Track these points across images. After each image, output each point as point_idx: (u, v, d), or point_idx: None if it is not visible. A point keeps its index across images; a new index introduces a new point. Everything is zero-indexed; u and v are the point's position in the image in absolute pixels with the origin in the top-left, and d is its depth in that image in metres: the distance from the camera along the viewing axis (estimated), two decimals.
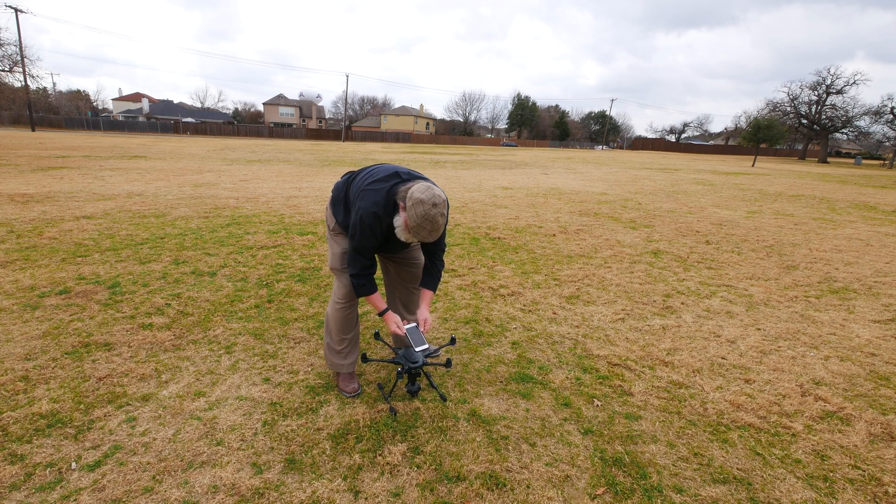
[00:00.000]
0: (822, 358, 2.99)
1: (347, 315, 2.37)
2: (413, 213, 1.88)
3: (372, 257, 2.16)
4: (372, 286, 2.19)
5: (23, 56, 34.03)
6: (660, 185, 14.32)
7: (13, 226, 5.43)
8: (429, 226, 1.88)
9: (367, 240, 2.07)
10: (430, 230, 1.90)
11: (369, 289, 2.19)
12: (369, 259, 2.15)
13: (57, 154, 15.67)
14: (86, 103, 73.99)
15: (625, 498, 1.77)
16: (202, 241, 5.15)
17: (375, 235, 2.05)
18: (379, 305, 2.22)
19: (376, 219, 2.02)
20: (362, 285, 2.18)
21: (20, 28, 35.42)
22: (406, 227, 1.97)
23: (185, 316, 3.20)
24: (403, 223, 1.98)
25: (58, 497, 1.65)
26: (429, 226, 1.88)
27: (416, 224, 1.89)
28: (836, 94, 53.91)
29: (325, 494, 1.72)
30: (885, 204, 11.77)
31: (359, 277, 2.16)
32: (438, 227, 1.90)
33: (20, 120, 47.90)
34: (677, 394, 2.50)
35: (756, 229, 7.33)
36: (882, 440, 2.18)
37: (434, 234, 1.92)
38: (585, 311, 3.60)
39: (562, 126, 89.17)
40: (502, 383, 2.54)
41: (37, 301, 3.31)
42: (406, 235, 2.02)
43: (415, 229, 1.90)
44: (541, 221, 7.21)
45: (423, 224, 1.88)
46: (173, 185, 9.54)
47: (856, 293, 4.33)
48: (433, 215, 1.87)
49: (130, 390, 2.31)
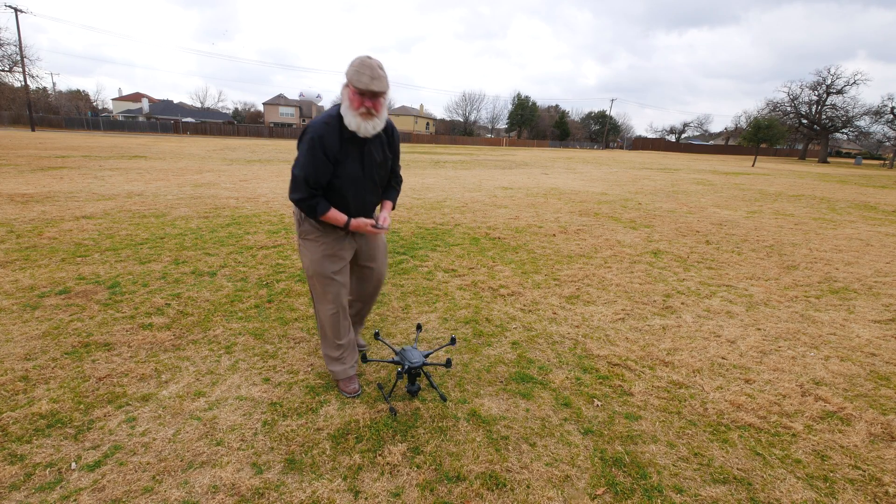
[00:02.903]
0: (822, 358, 2.99)
1: (339, 320, 2.35)
2: (351, 70, 1.96)
3: (319, 185, 2.08)
4: (325, 204, 2.11)
5: (23, 56, 34.04)
6: (660, 185, 14.32)
7: (13, 226, 5.43)
8: (368, 70, 1.94)
9: (316, 161, 2.02)
10: (371, 75, 1.94)
11: (323, 207, 2.10)
12: (316, 188, 2.09)
13: (57, 154, 15.67)
14: (86, 103, 73.99)
15: (625, 498, 1.77)
16: (202, 241, 5.15)
17: (326, 153, 2.02)
18: (340, 218, 2.13)
19: (326, 128, 2.02)
20: (314, 206, 2.09)
21: (20, 28, 35.40)
22: (351, 101, 1.99)
23: (185, 316, 3.20)
24: (348, 95, 2.01)
25: (58, 497, 1.65)
26: (368, 70, 1.94)
27: (355, 72, 1.94)
28: (836, 94, 53.93)
29: (325, 494, 1.72)
30: (885, 204, 11.77)
31: (308, 200, 2.08)
32: (376, 72, 1.95)
33: (20, 120, 47.91)
34: (677, 394, 2.50)
35: (756, 229, 7.33)
36: (882, 440, 2.18)
37: (376, 80, 1.94)
38: (585, 311, 3.60)
39: (562, 126, 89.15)
40: (502, 383, 2.54)
41: (37, 301, 3.31)
42: (354, 115, 2.00)
43: (355, 77, 1.94)
44: (541, 221, 7.21)
45: (361, 70, 1.94)
46: (173, 185, 9.54)
47: (856, 293, 4.33)
48: (369, 63, 1.96)
49: (130, 390, 2.31)
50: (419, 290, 3.88)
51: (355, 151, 2.11)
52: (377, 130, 2.08)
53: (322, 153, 2.02)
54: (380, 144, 2.21)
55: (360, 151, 2.13)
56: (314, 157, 2.02)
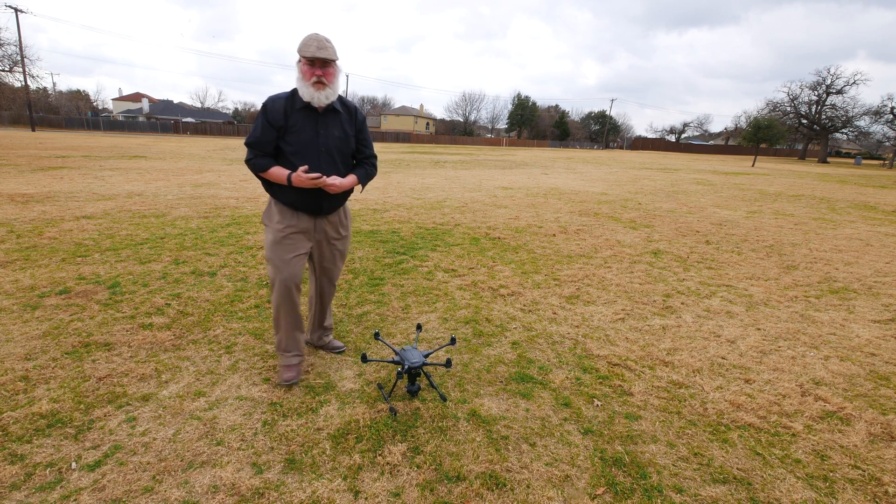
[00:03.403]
0: (822, 358, 2.99)
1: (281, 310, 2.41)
2: (300, 44, 2.15)
3: (262, 149, 2.25)
4: (268, 161, 2.26)
5: (23, 56, 34.03)
6: (660, 185, 14.32)
7: (13, 226, 5.43)
8: (314, 42, 2.12)
9: (259, 127, 2.22)
10: (318, 45, 2.12)
11: (265, 163, 2.25)
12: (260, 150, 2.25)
13: (57, 154, 15.67)
14: (86, 103, 73.95)
15: (625, 498, 1.77)
16: (202, 241, 5.15)
17: (269, 119, 2.20)
18: (281, 174, 2.24)
19: (275, 99, 2.22)
20: (257, 163, 2.25)
21: (20, 28, 35.40)
22: (303, 73, 2.16)
23: (185, 316, 3.20)
24: (300, 69, 2.17)
25: (58, 497, 1.65)
26: (314, 42, 2.12)
27: (303, 45, 2.13)
28: (836, 94, 53.96)
29: (325, 494, 1.73)
30: (885, 204, 11.77)
31: (253, 159, 2.26)
32: (323, 42, 2.13)
33: (20, 120, 47.89)
34: (677, 394, 2.50)
35: (756, 229, 7.33)
36: (882, 440, 2.18)
37: (322, 49, 2.12)
38: (585, 311, 3.60)
39: (562, 126, 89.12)
40: (502, 383, 2.54)
41: (37, 301, 3.31)
42: (307, 86, 2.16)
43: (303, 48, 2.12)
44: (541, 221, 7.21)
45: (308, 42, 2.13)
46: (173, 185, 9.54)
47: (856, 293, 4.33)
48: (315, 35, 2.15)
49: (130, 390, 2.31)
50: (419, 290, 3.88)
51: (309, 122, 2.24)
52: (330, 100, 2.23)
53: (265, 120, 2.21)
54: (339, 120, 2.32)
55: (314, 122, 2.25)
56: (258, 124, 2.23)
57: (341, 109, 2.33)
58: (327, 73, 2.18)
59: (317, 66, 2.15)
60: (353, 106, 2.41)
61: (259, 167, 2.26)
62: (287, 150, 2.25)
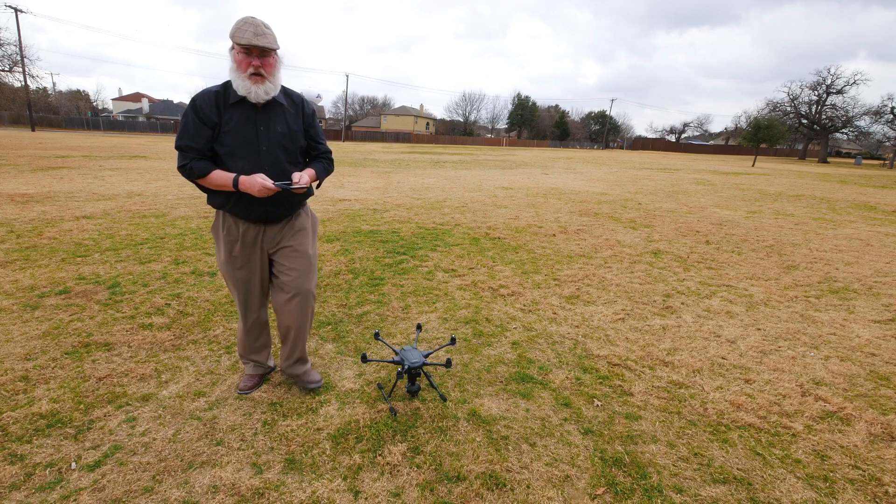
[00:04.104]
0: (822, 358, 2.99)
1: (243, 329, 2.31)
2: (232, 29, 1.86)
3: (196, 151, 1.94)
4: (204, 164, 1.95)
5: (22, 56, 34.03)
6: (660, 185, 14.32)
7: (13, 226, 5.43)
8: (251, 27, 1.84)
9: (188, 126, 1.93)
10: (255, 31, 1.84)
11: (201, 167, 1.94)
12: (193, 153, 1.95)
13: (57, 154, 15.66)
14: (86, 103, 73.92)
15: (625, 498, 1.77)
16: (202, 241, 5.15)
17: (199, 116, 1.91)
18: (226, 177, 1.93)
19: (204, 94, 1.93)
20: (191, 168, 1.94)
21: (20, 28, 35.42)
22: (238, 63, 1.87)
23: (185, 316, 3.20)
24: (234, 58, 1.89)
25: (58, 497, 1.65)
26: (251, 27, 1.84)
27: (237, 29, 1.84)
28: (836, 94, 53.92)
29: (325, 494, 1.72)
30: (885, 204, 11.77)
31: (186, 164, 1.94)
32: (260, 28, 1.85)
33: (20, 120, 47.91)
34: (677, 394, 2.50)
35: (756, 229, 7.33)
36: (882, 440, 2.18)
37: (260, 37, 1.84)
38: (585, 311, 3.60)
39: (562, 126, 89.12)
40: (502, 383, 2.54)
41: (37, 301, 3.31)
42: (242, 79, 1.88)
43: (238, 34, 1.83)
44: (541, 221, 7.21)
45: (243, 27, 1.84)
46: (173, 185, 9.54)
47: (856, 293, 4.33)
48: (252, 20, 1.86)
49: (130, 390, 2.31)
50: (419, 290, 3.88)
51: (246, 118, 1.96)
52: (270, 95, 1.95)
53: (196, 118, 1.92)
54: (283, 115, 2.05)
55: (252, 118, 1.97)
56: (186, 122, 1.93)
57: (285, 102, 2.04)
58: (266, 63, 1.89)
59: (254, 56, 1.87)
60: (299, 97, 2.13)
61: (196, 172, 1.93)
62: (221, 151, 1.96)
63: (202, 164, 1.94)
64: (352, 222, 6.53)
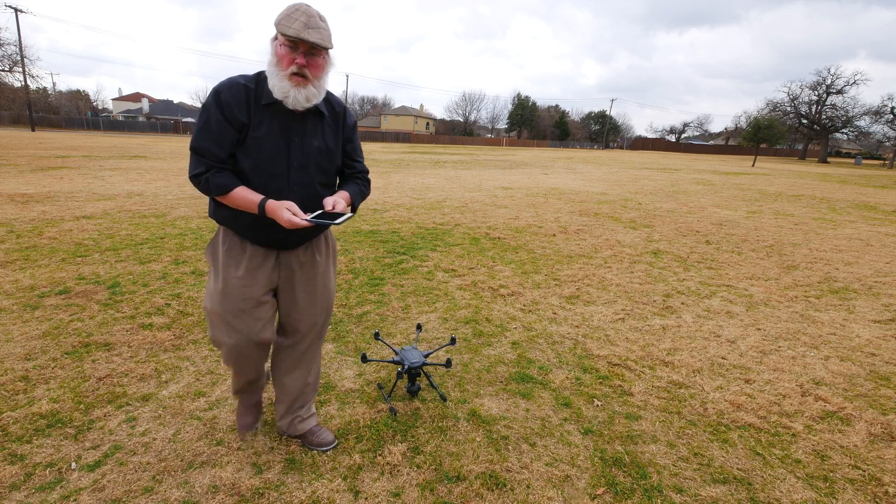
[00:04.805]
0: (822, 358, 2.99)
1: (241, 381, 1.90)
2: (280, 16, 1.47)
3: (218, 158, 1.52)
4: (226, 177, 1.53)
5: (23, 56, 34.05)
6: (660, 185, 14.32)
7: (13, 226, 5.43)
8: (302, 16, 1.44)
9: (211, 125, 1.50)
10: (306, 22, 1.44)
11: (222, 181, 1.51)
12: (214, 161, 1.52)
13: (57, 154, 15.66)
14: (86, 103, 73.92)
15: (625, 498, 1.77)
16: (202, 240, 5.15)
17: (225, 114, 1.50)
18: (251, 198, 1.51)
19: (232, 86, 1.51)
20: (208, 179, 1.51)
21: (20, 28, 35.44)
22: (279, 57, 1.48)
23: (185, 316, 3.20)
24: (275, 50, 1.50)
25: (58, 497, 1.65)
26: (302, 16, 1.44)
27: (285, 17, 1.45)
28: (836, 94, 53.97)
29: (325, 494, 1.72)
30: (885, 204, 11.77)
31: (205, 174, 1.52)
32: (314, 20, 1.45)
33: (20, 120, 47.90)
34: (677, 394, 2.50)
35: (756, 229, 7.33)
36: (882, 440, 2.18)
37: (313, 30, 1.44)
38: (585, 311, 3.60)
39: (562, 126, 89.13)
40: (502, 383, 2.54)
41: (37, 301, 3.31)
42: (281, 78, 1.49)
43: (285, 23, 1.44)
44: (541, 221, 7.21)
45: (293, 14, 1.44)
46: (173, 185, 9.54)
47: (856, 293, 4.33)
48: (305, 8, 1.46)
49: (130, 390, 2.31)
50: (419, 290, 3.88)
51: (277, 125, 1.55)
52: (311, 103, 1.54)
53: (220, 114, 1.50)
54: (321, 126, 1.65)
55: (285, 127, 1.56)
56: (208, 119, 1.50)
57: (325, 111, 1.64)
58: (313, 63, 1.50)
59: (300, 52, 1.47)
60: (342, 105, 1.74)
61: (217, 187, 1.51)
62: (244, 163, 1.53)
63: (224, 179, 1.52)
64: (351, 222, 6.52)
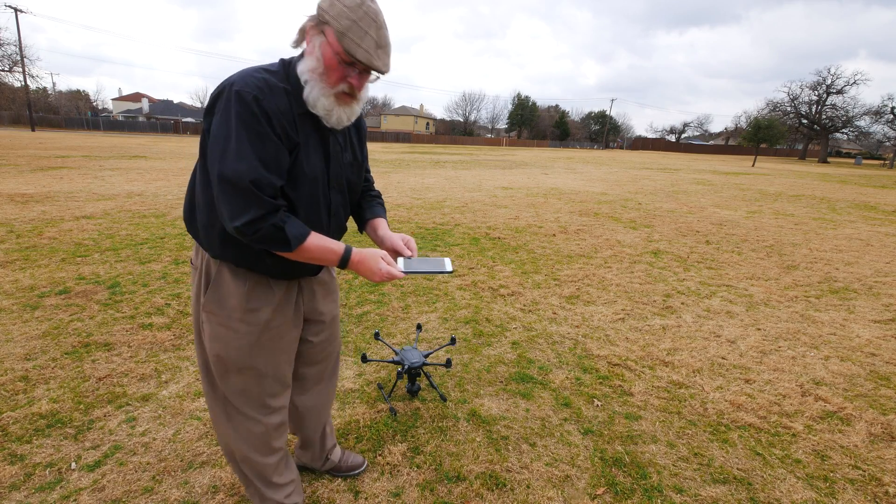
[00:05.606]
0: (822, 358, 2.99)
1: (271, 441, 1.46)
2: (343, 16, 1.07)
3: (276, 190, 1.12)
4: (301, 225, 1.17)
5: (22, 56, 34.07)
6: (660, 185, 14.32)
7: (13, 226, 5.43)
8: (373, 29, 1.09)
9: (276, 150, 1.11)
10: (377, 41, 1.10)
11: (297, 229, 1.15)
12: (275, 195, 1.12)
13: (57, 154, 15.66)
14: (85, 103, 73.94)
15: (625, 498, 1.77)
16: None
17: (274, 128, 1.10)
18: (331, 247, 1.21)
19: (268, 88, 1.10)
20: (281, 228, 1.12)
21: (20, 28, 35.45)
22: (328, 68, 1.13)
23: (185, 316, 3.20)
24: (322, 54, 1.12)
25: (58, 497, 1.65)
26: (373, 29, 1.09)
27: (354, 25, 1.07)
28: (836, 94, 54.01)
29: (325, 494, 1.72)
30: (885, 204, 11.77)
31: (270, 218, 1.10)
32: (383, 37, 1.12)
33: (20, 120, 47.92)
34: (677, 394, 2.50)
35: (756, 229, 7.33)
36: (882, 440, 2.18)
37: (383, 52, 1.13)
38: (585, 311, 3.60)
39: (562, 126, 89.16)
40: (502, 383, 2.54)
41: (37, 301, 3.31)
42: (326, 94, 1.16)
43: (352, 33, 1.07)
44: (541, 221, 7.21)
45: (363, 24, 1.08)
46: (173, 185, 9.54)
47: (856, 293, 4.33)
48: (375, 15, 1.10)
49: (130, 390, 2.31)
50: (419, 290, 3.88)
51: (314, 140, 1.23)
52: (350, 122, 1.27)
53: (272, 130, 1.10)
54: (349, 138, 1.37)
55: (323, 140, 1.25)
56: (259, 135, 1.08)
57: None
58: (364, 81, 1.19)
59: (356, 71, 1.15)
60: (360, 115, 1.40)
61: (296, 239, 1.14)
62: (289, 193, 1.19)
63: (299, 227, 1.16)
64: (351, 222, 6.52)
